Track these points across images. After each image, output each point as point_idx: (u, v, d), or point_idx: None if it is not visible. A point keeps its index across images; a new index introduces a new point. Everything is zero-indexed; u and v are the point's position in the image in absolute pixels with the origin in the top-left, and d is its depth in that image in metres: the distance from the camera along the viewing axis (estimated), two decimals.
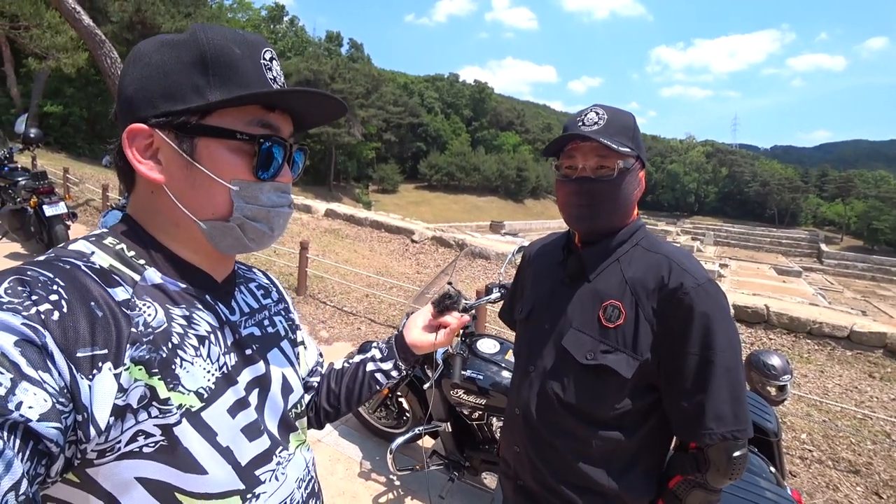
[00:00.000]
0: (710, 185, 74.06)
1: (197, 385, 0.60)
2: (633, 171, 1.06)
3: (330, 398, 0.97)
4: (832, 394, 4.18)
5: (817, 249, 45.15)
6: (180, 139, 0.60)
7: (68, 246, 0.60)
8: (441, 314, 1.00)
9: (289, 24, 46.02)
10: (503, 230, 37.11)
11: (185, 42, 0.60)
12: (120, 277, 0.58)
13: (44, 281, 0.50)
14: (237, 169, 0.62)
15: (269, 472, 0.68)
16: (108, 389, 0.51)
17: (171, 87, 0.59)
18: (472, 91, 70.20)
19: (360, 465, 2.82)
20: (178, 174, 0.61)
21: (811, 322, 5.18)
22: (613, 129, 1.02)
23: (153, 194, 0.63)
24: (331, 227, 9.58)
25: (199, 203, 0.62)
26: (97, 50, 7.28)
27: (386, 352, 0.99)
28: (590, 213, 1.06)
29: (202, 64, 0.59)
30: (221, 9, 30.35)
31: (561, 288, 1.15)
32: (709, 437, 0.97)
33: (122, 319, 0.54)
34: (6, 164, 6.75)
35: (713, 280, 1.01)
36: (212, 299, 0.67)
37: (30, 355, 0.45)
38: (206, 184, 0.61)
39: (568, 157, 1.08)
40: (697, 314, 0.97)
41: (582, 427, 1.07)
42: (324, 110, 0.70)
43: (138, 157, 0.60)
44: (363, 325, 5.02)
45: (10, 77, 18.57)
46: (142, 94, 0.60)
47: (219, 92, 0.59)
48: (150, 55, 0.60)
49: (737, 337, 1.01)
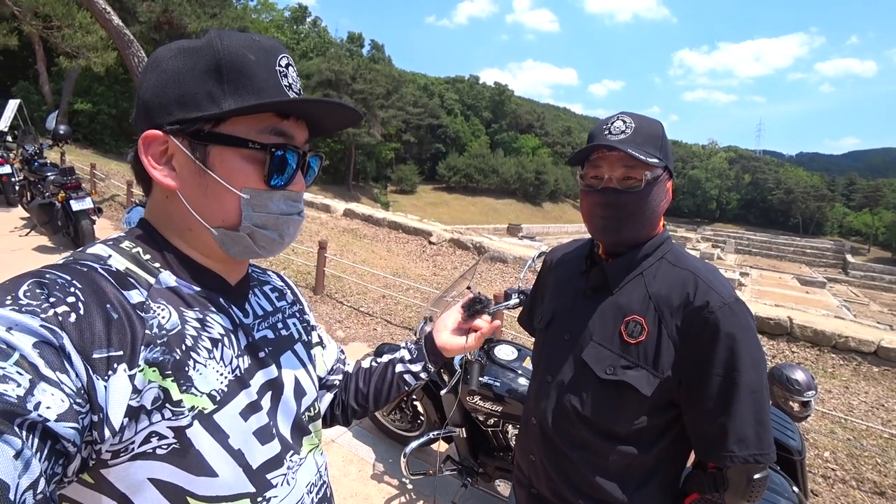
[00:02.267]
0: (733, 191, 72.80)
1: (210, 387, 0.60)
2: (661, 183, 1.02)
3: (358, 397, 0.97)
4: (857, 411, 4.06)
5: (843, 260, 44.01)
6: (193, 146, 0.60)
7: (87, 249, 0.61)
8: (471, 318, 0.99)
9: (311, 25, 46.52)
10: (521, 233, 36.96)
11: (200, 49, 0.60)
12: (135, 280, 0.59)
13: (61, 283, 0.51)
14: (249, 177, 0.62)
15: (281, 476, 0.68)
16: (123, 390, 0.51)
17: (185, 95, 0.59)
18: (492, 93, 70.05)
19: (373, 466, 2.83)
20: (190, 181, 0.61)
21: (836, 336, 5.03)
22: (641, 138, 0.99)
23: (167, 199, 0.64)
24: (349, 227, 9.64)
25: (210, 210, 0.62)
26: (125, 49, 7.46)
27: (416, 353, 0.99)
28: (615, 225, 1.03)
29: (217, 71, 0.59)
30: (246, 10, 30.82)
31: (582, 299, 1.13)
32: (730, 459, 0.95)
33: (136, 321, 0.55)
34: (36, 159, 6.98)
35: (740, 299, 0.99)
36: (225, 302, 0.68)
37: (48, 357, 0.46)
38: (218, 191, 0.61)
39: (593, 166, 1.04)
40: (723, 334, 0.94)
41: (599, 441, 1.05)
42: (339, 117, 0.69)
43: (153, 164, 0.61)
44: (379, 325, 5.03)
45: (42, 75, 19.13)
46: (157, 101, 0.60)
47: (232, 100, 0.59)
48: (166, 61, 0.61)
49: (763, 358, 0.98)
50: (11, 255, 5.67)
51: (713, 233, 54.75)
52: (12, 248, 5.95)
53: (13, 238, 6.42)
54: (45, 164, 6.88)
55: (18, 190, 7.53)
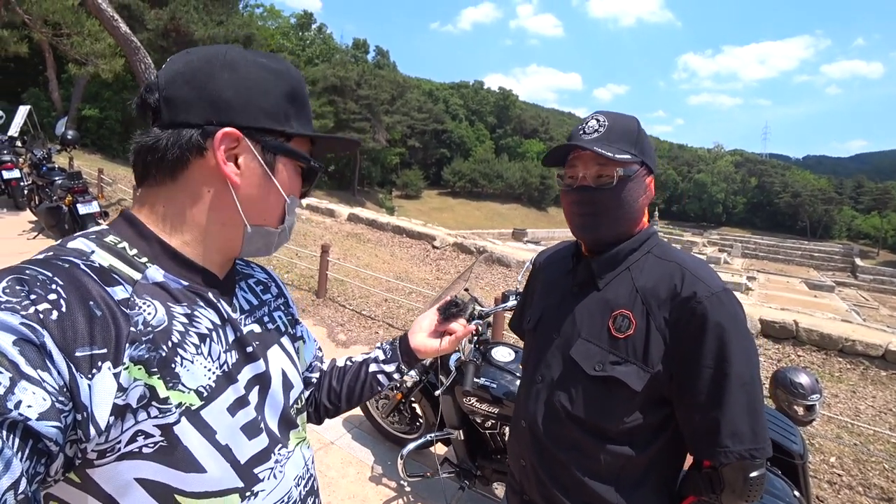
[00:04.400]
0: (739, 195, 72.30)
1: (197, 383, 0.60)
2: (637, 179, 1.02)
3: (331, 396, 0.98)
4: (864, 416, 4.00)
5: (851, 264, 43.50)
6: (265, 152, 0.67)
7: (67, 244, 0.60)
8: (447, 321, 0.98)
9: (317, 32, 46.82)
10: (525, 238, 36.89)
11: (281, 72, 0.68)
12: (119, 276, 0.58)
13: (42, 280, 0.51)
14: (293, 186, 0.72)
15: (268, 469, 0.69)
16: (108, 389, 0.51)
17: (272, 108, 0.66)
18: (497, 98, 70.10)
19: (371, 469, 2.82)
20: (253, 181, 0.66)
21: (843, 339, 4.97)
22: (614, 135, 1.01)
23: (209, 192, 0.64)
24: (353, 231, 9.67)
25: (259, 210, 0.68)
26: (133, 56, 7.55)
27: (390, 354, 0.99)
28: (592, 222, 1.04)
29: (292, 96, 0.69)
30: (252, 17, 31.10)
31: (570, 297, 1.12)
32: (724, 455, 0.93)
33: (121, 319, 0.55)
34: (45, 164, 7.07)
35: (728, 289, 0.97)
36: (214, 297, 0.68)
37: (28, 354, 0.45)
38: (273, 194, 0.69)
39: (570, 166, 1.06)
40: (711, 324, 0.93)
41: (590, 441, 1.03)
42: (341, 147, 0.82)
43: (224, 159, 0.63)
44: (381, 329, 5.03)
45: (52, 82, 19.36)
46: (243, 104, 0.64)
47: (297, 123, 0.69)
48: (247, 69, 0.65)
49: (754, 349, 0.96)
50: (19, 258, 5.67)
51: (719, 237, 54.35)
52: (20, 252, 6.01)
53: (21, 241, 6.49)
54: (52, 168, 6.97)
55: (27, 194, 7.63)
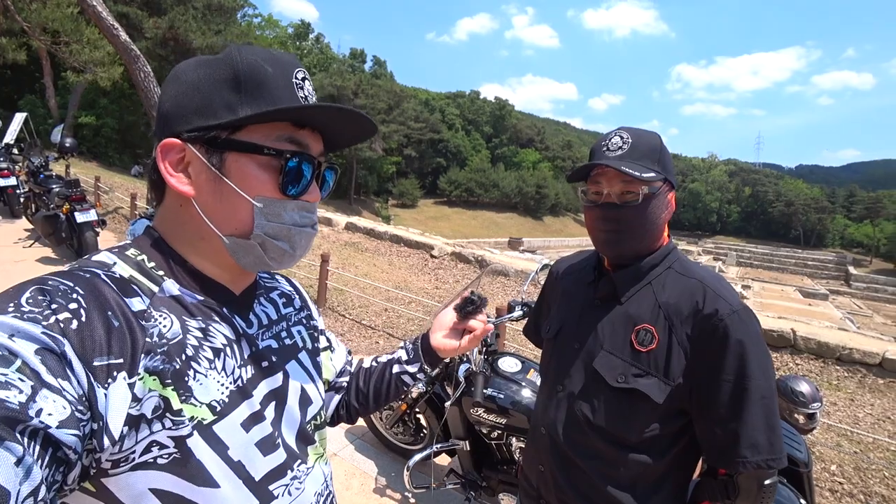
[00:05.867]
0: (733, 204, 72.99)
1: (210, 398, 0.60)
2: (660, 195, 1.05)
3: (359, 397, 0.98)
4: (863, 423, 4.02)
5: (845, 272, 43.87)
6: (210, 153, 0.61)
7: (93, 257, 0.61)
8: (465, 318, 0.98)
9: (314, 42, 47.09)
10: (521, 247, 36.97)
11: (219, 61, 0.62)
12: (138, 288, 0.59)
13: (64, 290, 0.51)
14: (263, 185, 0.62)
15: (283, 486, 0.67)
16: (122, 398, 0.51)
17: (203, 103, 0.60)
18: (493, 108, 70.63)
19: (375, 480, 2.80)
20: (206, 188, 0.62)
21: (840, 347, 5.00)
22: (638, 153, 1.02)
23: (181, 207, 0.64)
24: (351, 241, 9.66)
25: (223, 217, 0.63)
26: (132, 64, 7.55)
27: (412, 354, 0.99)
28: (617, 238, 1.06)
29: (235, 81, 0.60)
30: (250, 26, 31.23)
31: (591, 309, 1.15)
32: (742, 465, 0.96)
33: (137, 329, 0.55)
34: (42, 171, 7.04)
35: (748, 307, 1.01)
36: (229, 312, 0.67)
37: (50, 363, 0.46)
38: (232, 198, 0.62)
39: (593, 182, 1.08)
40: (732, 341, 0.96)
41: (611, 450, 1.06)
42: (354, 129, 0.70)
43: (170, 171, 0.61)
44: (381, 338, 5.02)
45: (49, 89, 19.33)
46: (176, 110, 0.62)
47: (249, 108, 0.60)
48: (186, 73, 0.62)
49: (771, 364, 1.00)
50: (15, 266, 5.69)
51: (714, 245, 54.70)
52: (16, 260, 5.98)
53: (17, 249, 6.45)
54: (50, 176, 6.94)
55: (23, 202, 7.58)
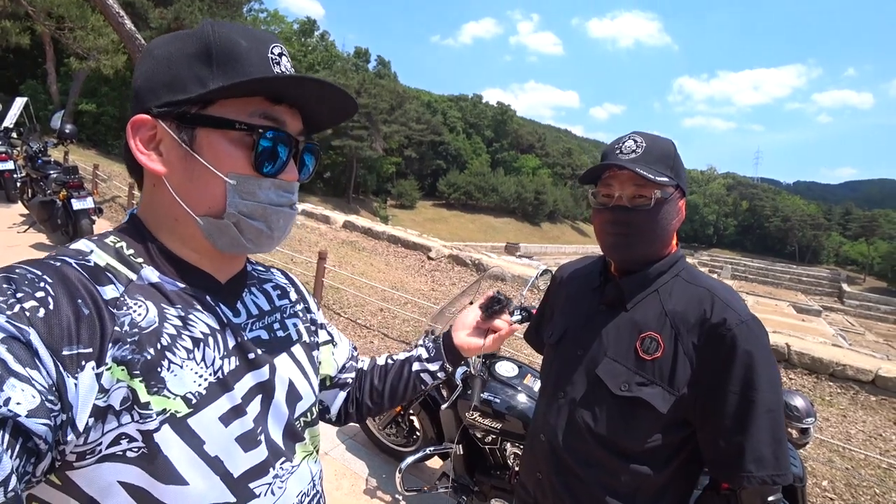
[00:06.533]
0: (730, 217, 73.33)
1: (185, 390, 0.57)
2: (672, 201, 1.03)
3: (373, 395, 0.95)
4: (855, 440, 4.03)
5: (839, 289, 44.07)
6: (181, 129, 0.59)
7: (71, 245, 0.59)
8: (490, 318, 0.97)
9: (319, 39, 46.92)
10: (518, 252, 37.00)
11: (192, 35, 0.60)
12: (113, 275, 0.57)
13: (31, 279, 0.50)
14: (236, 162, 0.60)
15: (265, 485, 0.64)
16: (89, 389, 0.50)
17: (174, 78, 0.59)
18: (495, 112, 70.63)
19: (365, 481, 2.78)
20: (177, 165, 0.60)
21: (834, 364, 5.01)
22: (652, 157, 1.01)
23: (155, 188, 0.62)
24: (348, 239, 9.64)
25: (196, 196, 0.60)
26: (136, 53, 7.54)
27: (433, 352, 0.97)
28: (626, 242, 1.04)
29: (206, 55, 0.59)
30: (256, 21, 31.21)
31: (596, 315, 1.13)
32: (747, 479, 0.94)
33: (106, 318, 0.53)
34: (40, 157, 6.98)
35: (756, 318, 0.99)
36: (213, 300, 0.65)
37: (17, 352, 0.45)
38: (204, 176, 0.60)
39: (605, 185, 1.07)
40: (740, 352, 0.94)
41: (611, 459, 1.04)
42: (333, 106, 0.67)
43: (140, 148, 0.60)
44: (376, 338, 5.00)
45: (50, 75, 19.26)
46: (147, 86, 0.60)
47: (221, 82, 0.58)
48: (158, 48, 0.61)
49: (779, 377, 0.98)
50: (8, 251, 5.63)
51: (710, 258, 54.88)
52: (9, 244, 5.92)
53: (11, 234, 6.39)
54: (48, 161, 6.88)
55: (20, 186, 7.51)
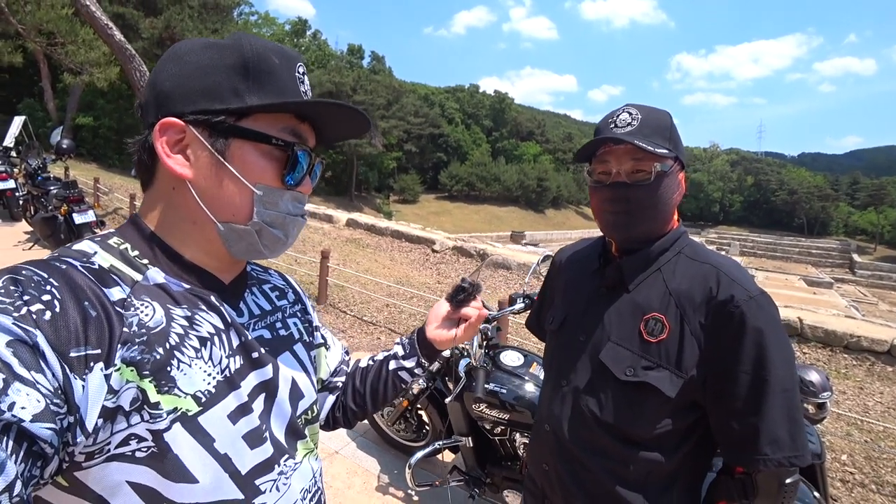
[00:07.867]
0: (736, 193, 72.69)
1: (195, 388, 0.58)
2: (672, 174, 0.98)
3: (356, 398, 0.95)
4: (873, 412, 3.97)
5: (849, 259, 43.65)
6: (214, 138, 0.60)
7: (73, 246, 0.59)
8: (459, 307, 0.94)
9: (311, 38, 46.83)
10: (524, 240, 36.92)
11: (228, 46, 0.61)
12: (119, 277, 0.57)
13: (37, 281, 0.50)
14: (264, 174, 0.63)
15: (271, 481, 0.66)
16: (98, 390, 0.50)
17: (211, 87, 0.60)
18: (493, 101, 70.23)
19: (377, 478, 2.77)
20: (206, 172, 0.61)
21: (848, 336, 4.94)
22: (648, 129, 0.96)
23: (174, 190, 0.63)
24: (352, 237, 9.63)
25: (221, 203, 0.62)
26: (128, 64, 7.52)
27: (408, 349, 0.96)
28: (626, 220, 0.99)
29: (243, 68, 0.60)
30: (247, 24, 31.13)
31: (597, 298, 1.08)
32: (763, 463, 0.89)
33: (114, 319, 0.53)
34: (40, 173, 7.04)
35: (766, 292, 0.93)
36: (217, 300, 0.65)
37: (22, 355, 0.44)
38: (233, 185, 0.61)
39: (601, 161, 1.01)
40: (750, 329, 0.89)
41: (619, 447, 0.99)
42: (349, 125, 0.71)
43: (167, 151, 0.60)
44: (383, 334, 4.99)
45: (47, 92, 19.32)
46: (180, 90, 0.60)
47: (256, 97, 0.60)
48: (190, 54, 0.61)
49: (792, 354, 0.92)
50: None
51: (717, 236, 54.47)
52: (16, 262, 5.95)
53: (17, 252, 6.43)
54: (48, 178, 6.93)
55: (22, 204, 7.58)
